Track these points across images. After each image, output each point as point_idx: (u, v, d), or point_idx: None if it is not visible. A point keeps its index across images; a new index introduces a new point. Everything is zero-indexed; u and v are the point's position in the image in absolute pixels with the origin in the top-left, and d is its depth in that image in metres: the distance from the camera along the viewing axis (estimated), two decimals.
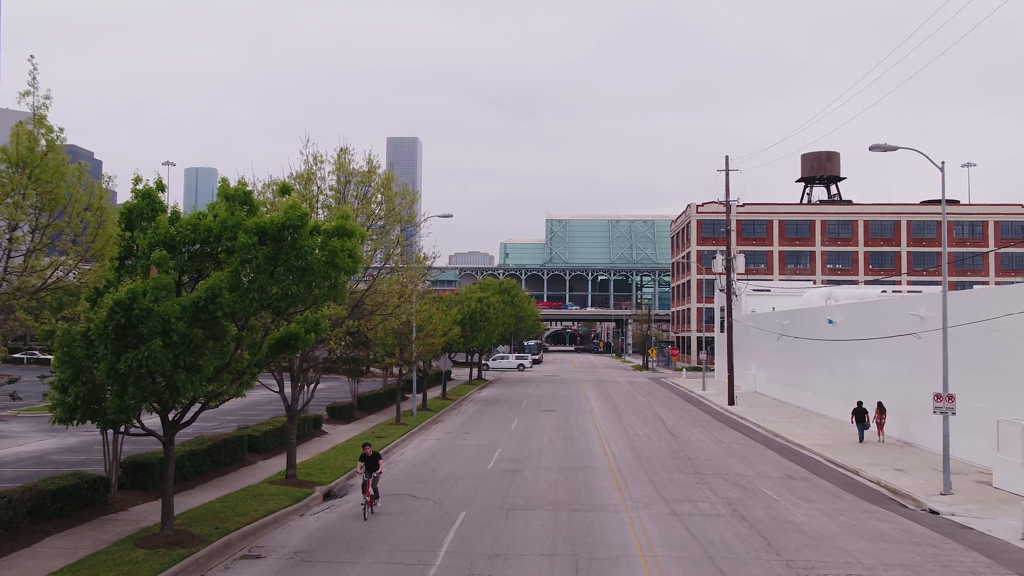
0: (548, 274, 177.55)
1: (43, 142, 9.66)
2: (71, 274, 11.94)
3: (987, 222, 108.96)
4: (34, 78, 10.05)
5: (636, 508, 22.55)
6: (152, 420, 20.27)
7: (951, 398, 25.83)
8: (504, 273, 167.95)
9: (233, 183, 17.37)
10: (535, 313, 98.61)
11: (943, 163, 26.24)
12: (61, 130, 10.13)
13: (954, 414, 25.96)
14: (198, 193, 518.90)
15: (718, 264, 63.25)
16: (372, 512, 22.09)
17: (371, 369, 57.96)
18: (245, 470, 27.81)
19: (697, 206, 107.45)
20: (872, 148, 27.24)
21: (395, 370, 46.41)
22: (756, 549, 18.34)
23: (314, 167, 24.13)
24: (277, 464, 28.69)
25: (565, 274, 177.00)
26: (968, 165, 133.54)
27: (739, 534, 19.74)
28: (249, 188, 17.23)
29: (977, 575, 16.67)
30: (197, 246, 16.72)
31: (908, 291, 77.85)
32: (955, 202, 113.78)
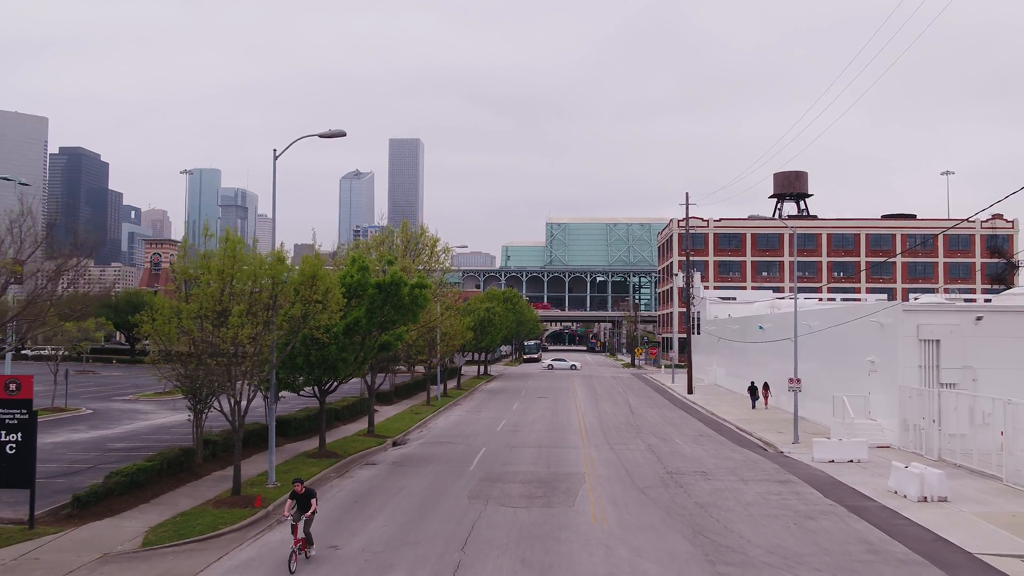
0: (548, 276, 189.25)
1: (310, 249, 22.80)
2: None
3: (937, 235, 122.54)
4: (314, 241, 23.72)
5: (589, 447, 36.51)
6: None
7: (799, 381, 39.68)
8: (506, 275, 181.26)
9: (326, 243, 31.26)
10: (534, 316, 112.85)
11: (795, 229, 40.17)
12: (326, 259, 23.50)
13: (800, 391, 39.80)
14: (201, 194, 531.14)
15: (679, 279, 77.09)
16: (306, 558, 17.89)
17: (400, 366, 72.53)
18: (335, 430, 41.67)
19: (679, 221, 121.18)
20: (751, 214, 41.14)
21: (423, 364, 60.28)
22: (651, 463, 32.29)
23: (386, 234, 38.13)
24: (354, 427, 42.57)
25: (565, 276, 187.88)
26: (947, 173, 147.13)
27: (646, 458, 33.68)
28: (367, 262, 31.17)
29: (767, 472, 30.48)
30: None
31: (864, 298, 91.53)
32: (912, 216, 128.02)
